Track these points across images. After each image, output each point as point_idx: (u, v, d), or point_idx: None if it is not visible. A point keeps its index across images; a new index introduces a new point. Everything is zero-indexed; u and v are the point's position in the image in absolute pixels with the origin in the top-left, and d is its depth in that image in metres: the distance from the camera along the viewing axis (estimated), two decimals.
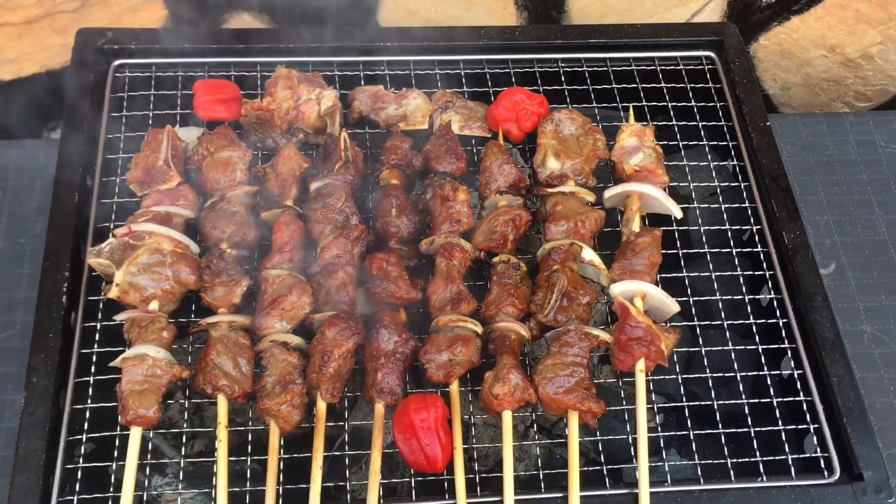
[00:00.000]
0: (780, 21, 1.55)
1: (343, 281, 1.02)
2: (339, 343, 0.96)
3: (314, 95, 1.13)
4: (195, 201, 1.09)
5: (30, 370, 0.94)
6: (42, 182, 1.23)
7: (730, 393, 1.04)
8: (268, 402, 0.94)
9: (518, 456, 1.09)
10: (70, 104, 1.14)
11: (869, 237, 1.29)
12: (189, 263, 1.02)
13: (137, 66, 1.21)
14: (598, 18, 1.50)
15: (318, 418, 0.94)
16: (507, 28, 1.36)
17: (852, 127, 1.39)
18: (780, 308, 1.09)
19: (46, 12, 1.37)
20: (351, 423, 1.00)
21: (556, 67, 1.27)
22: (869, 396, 1.11)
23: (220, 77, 1.21)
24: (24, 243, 1.18)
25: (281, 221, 1.07)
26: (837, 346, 1.04)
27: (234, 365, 0.96)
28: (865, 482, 0.96)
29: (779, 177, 1.17)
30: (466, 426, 0.99)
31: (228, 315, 1.00)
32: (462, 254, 1.06)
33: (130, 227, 1.02)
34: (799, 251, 1.11)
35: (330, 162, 1.11)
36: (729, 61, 1.27)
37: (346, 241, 1.05)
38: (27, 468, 0.90)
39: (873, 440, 0.98)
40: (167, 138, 1.10)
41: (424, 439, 0.92)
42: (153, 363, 0.94)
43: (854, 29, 1.55)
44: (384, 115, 1.20)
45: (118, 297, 0.99)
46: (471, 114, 1.21)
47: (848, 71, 1.63)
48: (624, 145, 1.17)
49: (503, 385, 0.95)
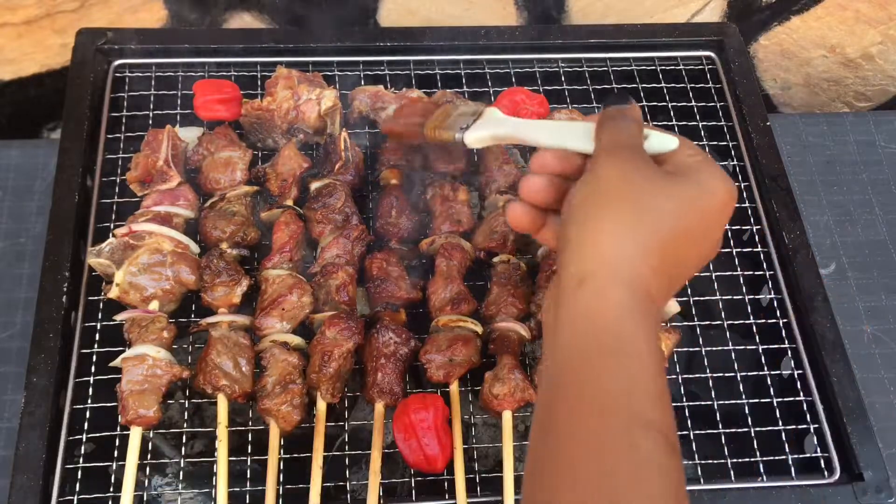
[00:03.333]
0: (780, 21, 1.55)
1: (343, 281, 1.02)
2: (339, 343, 0.96)
3: (314, 95, 1.13)
4: (195, 201, 1.09)
5: (30, 370, 0.94)
6: (42, 182, 1.23)
7: (730, 393, 1.04)
8: (268, 402, 0.94)
9: (518, 456, 1.09)
10: (70, 104, 1.14)
11: (869, 237, 1.28)
12: (189, 263, 1.02)
13: (137, 66, 1.21)
14: (598, 18, 1.50)
15: (318, 418, 0.94)
16: (507, 28, 1.36)
17: (852, 127, 1.39)
18: (780, 308, 1.09)
19: (46, 12, 1.37)
20: (351, 423, 1.00)
21: (556, 67, 1.27)
22: (869, 396, 1.11)
23: (220, 77, 1.21)
24: (24, 243, 1.18)
25: (281, 221, 1.07)
26: (837, 346, 1.04)
27: (235, 365, 0.96)
28: (865, 482, 0.96)
29: (779, 177, 1.17)
30: (466, 426, 0.99)
31: (228, 315, 1.00)
32: (462, 254, 1.06)
33: (130, 227, 1.02)
34: (799, 251, 1.11)
35: (330, 162, 1.11)
36: (729, 61, 1.27)
37: (346, 241, 1.05)
38: (27, 468, 0.90)
39: (873, 440, 0.98)
40: (167, 138, 1.10)
41: (424, 439, 0.92)
42: (153, 363, 0.94)
43: (854, 29, 1.55)
44: (384, 115, 1.20)
45: (118, 297, 0.99)
46: None
47: (848, 71, 1.63)
48: None
49: (503, 385, 0.95)
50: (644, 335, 0.59)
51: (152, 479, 1.03)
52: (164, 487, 1.03)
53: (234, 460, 0.93)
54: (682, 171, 0.66)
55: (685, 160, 0.67)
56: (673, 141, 0.69)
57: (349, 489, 0.95)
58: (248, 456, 0.95)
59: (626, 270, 0.60)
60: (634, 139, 0.67)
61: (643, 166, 0.65)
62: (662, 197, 0.63)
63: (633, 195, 0.62)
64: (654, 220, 0.61)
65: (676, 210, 0.62)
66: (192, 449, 1.07)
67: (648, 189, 0.63)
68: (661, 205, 0.62)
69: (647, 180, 0.63)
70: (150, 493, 1.01)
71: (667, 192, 0.63)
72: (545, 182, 0.72)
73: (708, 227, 0.65)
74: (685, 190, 0.64)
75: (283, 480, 0.92)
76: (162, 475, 1.04)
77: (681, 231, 0.62)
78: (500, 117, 0.84)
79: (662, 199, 0.62)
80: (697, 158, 0.68)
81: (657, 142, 0.69)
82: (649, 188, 0.63)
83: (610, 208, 0.62)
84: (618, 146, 0.66)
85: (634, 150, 0.66)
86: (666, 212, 0.62)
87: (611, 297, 0.59)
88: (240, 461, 0.95)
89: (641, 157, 0.66)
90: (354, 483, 0.99)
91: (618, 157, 0.65)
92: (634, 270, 0.60)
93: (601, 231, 0.61)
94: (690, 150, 0.69)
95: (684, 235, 0.62)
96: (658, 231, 0.61)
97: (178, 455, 1.02)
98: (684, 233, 0.62)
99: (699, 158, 0.68)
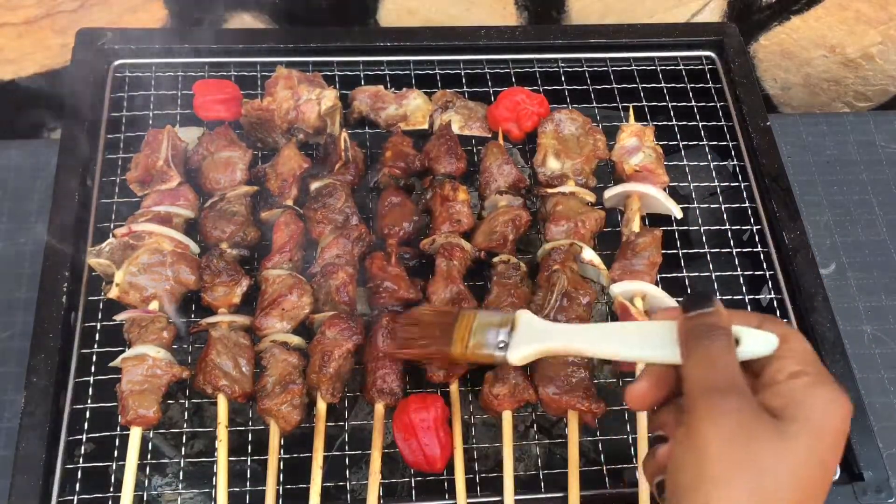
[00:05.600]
0: (780, 21, 1.55)
1: (343, 281, 1.02)
2: (339, 343, 0.96)
3: (314, 95, 1.13)
4: (195, 201, 1.09)
5: (30, 370, 0.94)
6: (42, 182, 1.23)
7: None
8: (268, 402, 0.94)
9: (518, 456, 1.09)
10: (70, 104, 1.14)
11: (869, 237, 1.28)
12: (189, 263, 1.02)
13: (137, 66, 1.21)
14: (598, 18, 1.50)
15: (318, 418, 0.94)
16: (507, 28, 1.36)
17: (852, 127, 1.39)
18: (781, 308, 1.09)
19: (46, 12, 1.37)
20: (351, 423, 1.00)
21: (556, 67, 1.27)
22: (869, 396, 1.11)
23: (220, 77, 1.21)
24: (24, 243, 1.18)
25: (281, 221, 1.07)
26: (837, 346, 1.04)
27: (235, 365, 0.96)
28: (865, 482, 0.96)
29: (779, 177, 1.17)
30: (466, 426, 0.99)
31: (228, 315, 1.00)
32: (462, 254, 1.06)
33: (130, 227, 1.02)
34: (799, 251, 1.11)
35: (330, 162, 1.11)
36: (729, 61, 1.27)
37: (346, 241, 1.05)
38: (27, 468, 0.90)
39: (873, 440, 0.98)
40: (167, 138, 1.10)
41: (424, 439, 0.92)
42: (153, 363, 0.94)
43: (854, 29, 1.55)
44: (384, 115, 1.20)
45: (118, 297, 0.99)
46: (471, 114, 1.21)
47: (848, 71, 1.63)
48: (624, 145, 1.17)
49: (503, 385, 0.95)
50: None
51: (152, 479, 1.03)
52: (164, 487, 1.03)
53: (234, 460, 0.93)
54: (793, 409, 0.56)
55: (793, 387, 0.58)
56: (771, 342, 0.59)
57: (349, 489, 0.95)
58: (248, 456, 0.95)
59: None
60: (731, 372, 0.58)
61: (752, 421, 0.56)
62: (779, 460, 0.54)
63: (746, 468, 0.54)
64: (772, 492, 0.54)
65: (795, 470, 0.55)
66: (192, 449, 1.07)
67: (763, 455, 0.54)
68: (780, 472, 0.54)
69: (760, 442, 0.55)
70: (150, 493, 1.01)
71: (782, 451, 0.55)
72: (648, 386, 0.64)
73: (829, 468, 0.56)
74: (803, 444, 0.55)
75: (283, 480, 0.92)
76: (162, 475, 1.04)
77: (800, 489, 0.55)
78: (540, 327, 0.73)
79: (780, 463, 0.54)
80: (807, 380, 0.57)
81: (751, 346, 0.59)
82: (764, 454, 0.54)
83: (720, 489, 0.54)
84: (715, 391, 0.57)
85: (738, 395, 0.57)
86: (784, 478, 0.54)
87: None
88: (240, 461, 0.95)
89: (748, 407, 0.56)
90: (354, 483, 0.99)
91: (718, 411, 0.56)
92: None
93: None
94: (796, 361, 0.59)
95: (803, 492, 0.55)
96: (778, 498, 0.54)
97: (178, 455, 1.02)
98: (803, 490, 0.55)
99: (810, 380, 0.57)
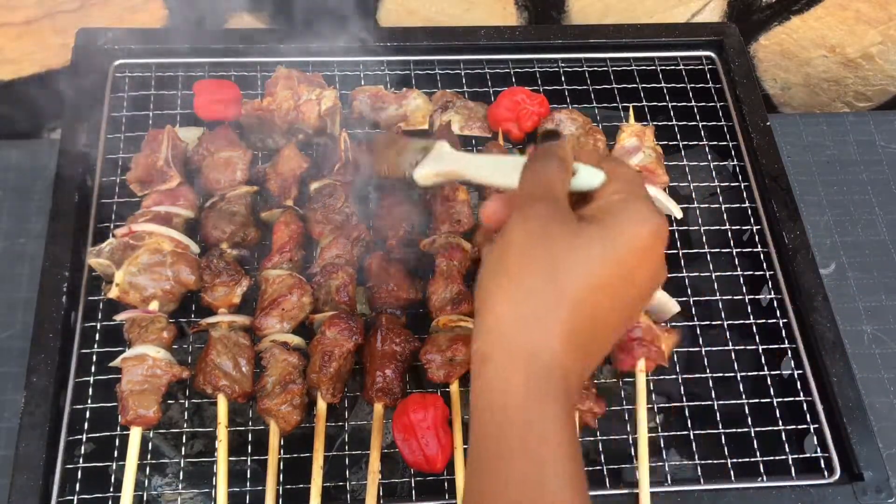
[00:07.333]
0: (780, 21, 1.55)
1: (343, 281, 1.02)
2: (339, 343, 0.96)
3: (314, 95, 1.13)
4: (195, 201, 1.09)
5: (30, 370, 0.94)
6: (42, 182, 1.23)
7: (730, 393, 1.04)
8: (268, 402, 0.94)
9: None
10: (70, 104, 1.14)
11: (869, 237, 1.29)
12: (189, 263, 1.02)
13: (137, 66, 1.21)
14: (598, 18, 1.50)
15: (319, 418, 0.94)
16: (507, 28, 1.36)
17: (852, 127, 1.39)
18: (780, 308, 1.09)
19: (46, 12, 1.37)
20: (351, 424, 1.00)
21: (556, 67, 1.27)
22: (869, 396, 1.11)
23: (220, 77, 1.21)
24: (24, 243, 1.18)
25: (281, 221, 1.07)
26: (837, 346, 1.04)
27: (234, 365, 0.96)
28: (865, 482, 0.96)
29: (779, 177, 1.17)
30: (466, 426, 0.99)
31: (228, 315, 1.00)
32: (462, 254, 1.06)
33: (130, 227, 1.02)
34: (799, 251, 1.11)
35: (330, 162, 1.11)
36: (729, 61, 1.27)
37: (346, 241, 1.05)
38: (27, 468, 0.90)
39: (873, 440, 0.98)
40: (167, 138, 1.10)
41: (424, 439, 0.92)
42: (153, 363, 0.94)
43: (854, 29, 1.55)
44: (384, 115, 1.20)
45: (118, 297, 0.99)
46: (471, 114, 1.21)
47: (848, 71, 1.63)
48: (624, 145, 1.17)
49: None
50: (553, 417, 0.55)
51: (152, 479, 1.03)
52: (164, 487, 1.03)
53: (234, 460, 0.93)
54: (599, 215, 0.60)
55: (608, 200, 0.61)
56: (597, 176, 0.63)
57: (349, 489, 0.95)
58: (248, 456, 0.95)
59: (528, 351, 0.56)
60: (552, 186, 0.61)
61: (553, 222, 0.59)
62: (572, 255, 0.57)
63: (539, 261, 0.57)
64: (564, 284, 0.56)
65: (587, 266, 0.57)
66: (192, 449, 1.07)
67: (557, 250, 0.57)
68: (571, 265, 0.57)
69: (555, 239, 0.58)
70: (150, 493, 1.01)
71: (576, 247, 0.57)
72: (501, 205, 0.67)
73: (629, 273, 0.58)
74: (596, 241, 0.58)
75: (283, 480, 0.92)
76: (162, 475, 1.04)
77: (595, 287, 0.57)
78: (445, 152, 0.79)
79: (572, 257, 0.57)
80: (620, 196, 0.61)
81: (584, 178, 0.64)
82: (557, 249, 0.57)
83: (513, 282, 0.57)
84: (532, 199, 0.61)
85: (549, 202, 0.60)
86: (576, 272, 0.57)
87: (513, 381, 0.56)
88: (240, 461, 0.95)
89: (555, 211, 0.60)
90: (354, 483, 0.99)
91: (528, 214, 0.59)
92: (539, 348, 0.56)
93: (502, 312, 0.57)
94: (619, 185, 0.62)
95: (600, 291, 0.57)
96: (568, 295, 0.56)
97: (178, 455, 1.02)
98: (600, 288, 0.57)
99: (622, 196, 0.61)
